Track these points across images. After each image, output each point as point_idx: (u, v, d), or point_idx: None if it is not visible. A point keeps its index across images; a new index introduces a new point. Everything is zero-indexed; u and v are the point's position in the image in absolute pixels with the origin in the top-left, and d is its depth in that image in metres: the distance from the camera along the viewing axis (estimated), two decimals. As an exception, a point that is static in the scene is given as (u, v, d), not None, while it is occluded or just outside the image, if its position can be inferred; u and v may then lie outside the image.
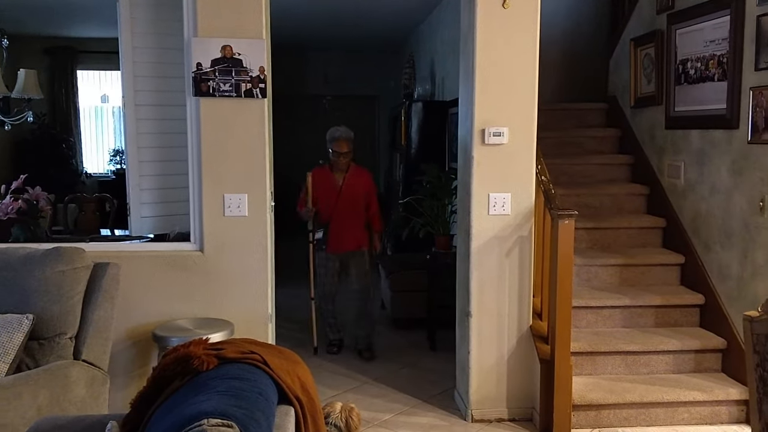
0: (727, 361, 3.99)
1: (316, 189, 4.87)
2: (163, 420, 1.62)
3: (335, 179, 4.89)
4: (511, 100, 3.67)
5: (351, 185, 4.89)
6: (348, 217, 4.88)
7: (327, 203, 4.88)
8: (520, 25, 3.66)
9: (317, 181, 4.88)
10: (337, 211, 4.86)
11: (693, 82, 4.36)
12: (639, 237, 4.73)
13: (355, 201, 4.90)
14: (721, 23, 4.02)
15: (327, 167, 4.95)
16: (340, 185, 4.87)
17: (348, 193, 4.88)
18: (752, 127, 3.74)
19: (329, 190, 4.88)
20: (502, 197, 3.69)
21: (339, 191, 4.86)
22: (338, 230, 4.88)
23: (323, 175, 4.92)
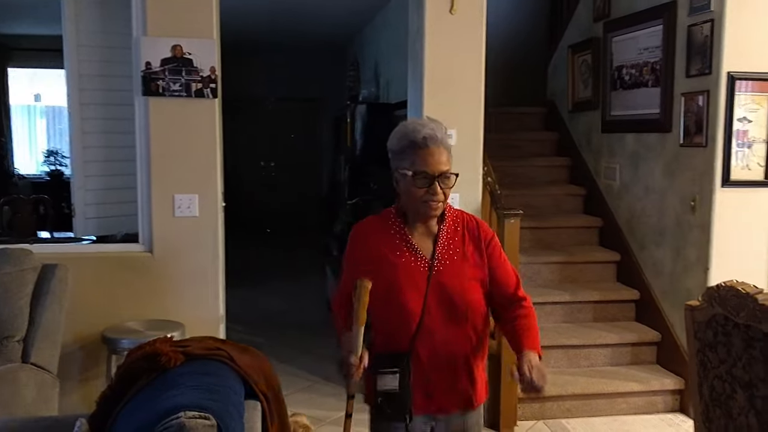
0: (661, 353, 4.20)
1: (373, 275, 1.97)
2: (132, 416, 1.62)
3: (415, 243, 2.04)
4: (459, 102, 3.78)
5: (451, 254, 2.04)
6: (448, 331, 2.02)
7: (402, 306, 2.00)
8: (466, 30, 3.76)
9: (371, 254, 2.04)
10: (428, 318, 1.99)
11: (628, 88, 4.57)
12: (578, 236, 4.92)
13: (464, 290, 2.02)
14: (654, 32, 4.23)
15: (392, 215, 2.08)
16: (428, 259, 2.02)
17: (449, 273, 2.02)
18: (684, 131, 3.96)
19: (405, 272, 2.01)
20: (450, 198, 3.78)
21: (428, 273, 2.00)
22: (430, 366, 2.02)
23: (384, 237, 2.05)
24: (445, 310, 1.98)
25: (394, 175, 2.02)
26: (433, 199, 1.95)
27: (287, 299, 6.63)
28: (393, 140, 2.02)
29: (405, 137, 1.98)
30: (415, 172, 1.93)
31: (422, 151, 1.94)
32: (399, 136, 2.00)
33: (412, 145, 1.95)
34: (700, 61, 3.81)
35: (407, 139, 1.97)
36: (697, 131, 3.85)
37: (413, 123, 2.03)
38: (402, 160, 1.97)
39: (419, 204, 1.97)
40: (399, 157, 1.99)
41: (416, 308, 1.96)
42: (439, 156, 1.95)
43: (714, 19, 3.70)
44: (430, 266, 1.99)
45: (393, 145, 2.02)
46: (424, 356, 1.98)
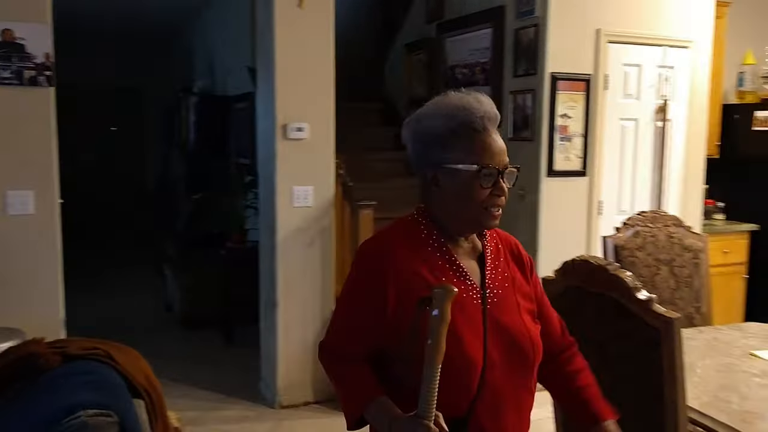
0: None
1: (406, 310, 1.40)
2: (11, 422, 1.52)
3: (463, 266, 1.48)
4: (311, 96, 3.84)
5: (501, 280, 1.51)
6: (516, 388, 1.46)
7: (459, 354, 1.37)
8: (316, 24, 3.84)
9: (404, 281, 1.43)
10: (491, 372, 1.40)
11: (461, 86, 4.89)
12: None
13: (527, 328, 1.48)
14: (484, 34, 4.58)
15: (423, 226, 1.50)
16: (479, 288, 1.47)
17: (505, 307, 1.48)
18: (513, 126, 4.34)
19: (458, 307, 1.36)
20: (305, 190, 3.85)
21: (482, 308, 1.45)
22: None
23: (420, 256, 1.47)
24: (508, 358, 1.40)
25: (427, 173, 1.44)
26: (498, 203, 1.43)
27: (122, 303, 6.26)
28: (432, 121, 1.44)
29: (454, 117, 1.42)
30: (481, 166, 1.39)
31: (482, 136, 1.42)
32: (444, 115, 1.43)
33: (467, 127, 1.41)
34: (526, 62, 4.20)
35: (458, 120, 1.41)
36: (525, 126, 4.24)
37: (461, 98, 1.45)
38: (450, 149, 1.41)
39: (479, 211, 1.41)
40: (445, 145, 1.42)
41: (477, 357, 1.37)
42: (501, 143, 1.46)
43: (538, 24, 4.09)
44: (483, 297, 1.43)
45: (433, 128, 1.43)
46: (488, 424, 1.40)
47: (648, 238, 2.93)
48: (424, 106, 1.51)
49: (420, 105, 5.11)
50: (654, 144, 4.39)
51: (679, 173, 4.48)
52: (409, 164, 5.00)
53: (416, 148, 1.49)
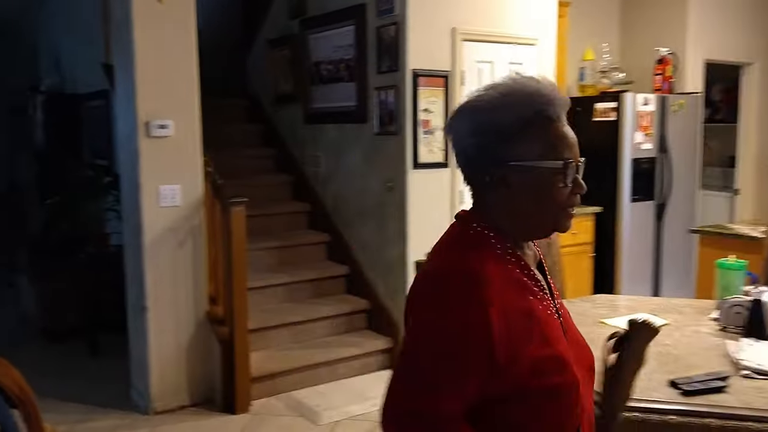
0: (371, 318, 4.70)
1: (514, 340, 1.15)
2: None
3: (539, 278, 1.27)
4: (174, 92, 3.76)
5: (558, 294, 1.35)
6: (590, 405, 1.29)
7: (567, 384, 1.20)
8: (176, 19, 3.76)
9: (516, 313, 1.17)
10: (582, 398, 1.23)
11: (326, 83, 4.97)
12: (290, 221, 5.22)
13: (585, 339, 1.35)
14: (347, 32, 4.68)
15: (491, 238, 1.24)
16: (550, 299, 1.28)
17: (566, 316, 1.32)
18: (379, 121, 4.47)
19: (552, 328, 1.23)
20: (172, 189, 3.76)
21: (559, 322, 1.27)
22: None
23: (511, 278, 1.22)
24: (582, 371, 1.25)
25: (493, 172, 1.20)
26: (576, 202, 1.23)
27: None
28: (499, 111, 1.20)
29: (527, 104, 1.19)
30: (565, 161, 1.20)
31: (558, 126, 1.22)
32: (514, 103, 1.19)
33: (542, 116, 1.20)
34: (389, 59, 4.34)
35: (533, 108, 1.19)
36: (390, 121, 4.39)
37: (528, 82, 1.21)
38: (525, 142, 1.19)
39: (558, 212, 1.22)
40: (518, 138, 1.19)
41: (575, 374, 1.20)
42: (573, 132, 1.24)
43: (397, 23, 4.24)
44: (555, 308, 1.27)
45: (502, 119, 1.19)
46: None
47: (507, 222, 3.14)
48: (480, 94, 1.23)
49: (287, 101, 5.09)
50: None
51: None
52: (279, 160, 4.99)
53: (477, 144, 1.21)
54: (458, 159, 1.28)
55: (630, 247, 5.31)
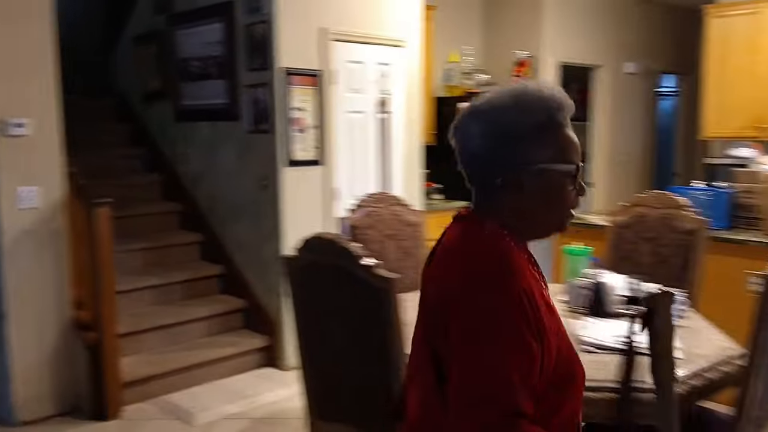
0: (248, 317, 4.69)
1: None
2: None
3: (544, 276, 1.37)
4: (32, 90, 3.59)
5: None
6: None
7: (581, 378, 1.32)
8: (31, 14, 3.58)
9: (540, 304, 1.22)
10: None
11: (196, 79, 4.90)
12: (160, 221, 5.09)
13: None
14: (216, 28, 4.64)
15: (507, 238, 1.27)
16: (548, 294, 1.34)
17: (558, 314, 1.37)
18: (251, 119, 4.47)
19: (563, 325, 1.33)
20: (30, 190, 3.58)
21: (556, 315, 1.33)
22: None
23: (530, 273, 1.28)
24: None
25: (506, 175, 1.24)
26: (578, 204, 1.29)
27: None
28: (514, 115, 1.23)
29: (540, 110, 1.23)
30: (576, 165, 1.26)
31: (566, 131, 1.26)
32: (528, 108, 1.23)
33: (552, 119, 1.24)
34: (260, 57, 4.35)
35: (545, 113, 1.24)
36: (262, 119, 4.40)
37: (540, 87, 1.27)
38: (537, 146, 1.23)
39: (564, 213, 1.29)
40: (532, 142, 1.23)
41: (583, 374, 1.30)
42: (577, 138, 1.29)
43: (267, 21, 4.26)
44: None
45: (516, 123, 1.23)
46: None
47: (376, 217, 3.27)
48: (490, 97, 1.27)
49: (156, 99, 4.96)
50: (378, 134, 4.84)
51: (401, 159, 5.00)
52: (148, 159, 4.80)
53: (489, 146, 1.24)
54: (464, 160, 1.29)
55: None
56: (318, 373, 2.21)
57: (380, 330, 1.91)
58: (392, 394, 1.94)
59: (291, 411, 3.64)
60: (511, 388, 1.12)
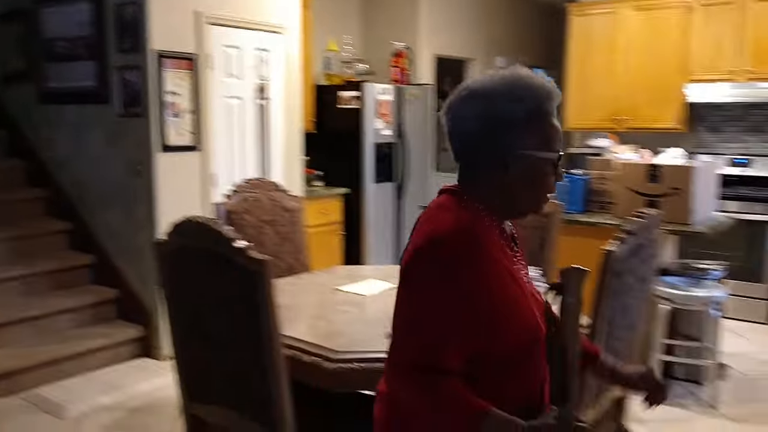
0: (121, 307, 4.55)
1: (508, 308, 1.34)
2: None
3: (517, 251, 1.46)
4: None
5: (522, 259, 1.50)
6: None
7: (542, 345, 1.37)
8: None
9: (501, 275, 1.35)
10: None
11: (63, 60, 4.67)
12: (24, 209, 4.82)
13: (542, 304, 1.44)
14: (84, 8, 4.44)
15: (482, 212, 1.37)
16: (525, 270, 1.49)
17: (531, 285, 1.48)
18: (122, 102, 4.33)
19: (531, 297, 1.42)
20: None
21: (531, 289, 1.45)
22: None
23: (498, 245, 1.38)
24: None
25: (494, 158, 1.32)
26: (554, 189, 1.39)
27: None
28: (508, 102, 1.30)
29: (532, 98, 1.31)
30: (558, 153, 1.34)
31: (552, 120, 1.35)
32: (522, 96, 1.31)
33: (542, 109, 1.33)
34: (131, 38, 4.22)
35: (536, 102, 1.32)
36: (135, 103, 4.27)
37: (532, 77, 1.33)
38: (527, 134, 1.31)
39: (543, 196, 1.38)
40: (522, 129, 1.31)
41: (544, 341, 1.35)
42: None
43: (138, 2, 4.13)
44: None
45: (510, 111, 1.30)
46: (546, 403, 1.39)
47: (254, 202, 3.29)
48: (484, 81, 1.34)
49: (19, 80, 4.73)
50: (257, 120, 4.83)
51: (280, 146, 5.01)
52: (11, 144, 4.56)
53: (482, 129, 1.32)
54: (455, 138, 1.37)
55: (374, 224, 5.78)
56: (191, 358, 2.22)
57: (254, 313, 1.95)
58: (267, 376, 1.99)
59: (167, 399, 3.60)
60: (431, 348, 1.25)
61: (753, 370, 4.01)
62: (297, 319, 2.46)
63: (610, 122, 6.03)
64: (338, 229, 5.69)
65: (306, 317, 2.55)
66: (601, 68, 6.06)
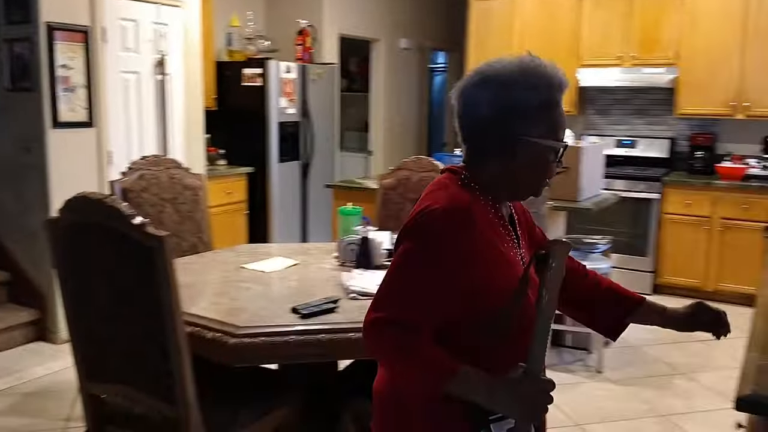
0: (13, 290, 4.36)
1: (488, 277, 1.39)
2: None
3: (510, 229, 1.50)
4: None
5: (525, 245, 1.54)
6: None
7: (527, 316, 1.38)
8: None
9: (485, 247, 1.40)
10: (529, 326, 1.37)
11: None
12: None
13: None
14: (-35, -26, 4.17)
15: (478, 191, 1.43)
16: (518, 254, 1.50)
17: None
18: (11, 76, 4.11)
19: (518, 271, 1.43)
20: None
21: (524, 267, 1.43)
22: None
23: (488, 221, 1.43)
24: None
25: (503, 142, 1.37)
26: (554, 176, 1.44)
27: None
28: (523, 91, 1.34)
29: (545, 87, 1.36)
30: (565, 145, 1.40)
31: (560, 110, 1.40)
32: (536, 86, 1.35)
33: (553, 99, 1.37)
34: (21, 9, 4.01)
35: (548, 90, 1.36)
36: (24, 77, 4.07)
37: (544, 65, 1.37)
38: (535, 122, 1.36)
39: (543, 182, 1.43)
40: (533, 118, 1.35)
41: (533, 307, 1.36)
42: None
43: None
44: (520, 256, 1.48)
45: (524, 99, 1.34)
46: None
47: (152, 180, 3.22)
48: (497, 67, 1.37)
49: None
50: (156, 96, 4.71)
51: (181, 123, 4.91)
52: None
53: (495, 115, 1.36)
54: (464, 123, 1.41)
55: (280, 203, 5.77)
56: (88, 336, 2.18)
57: (151, 289, 1.94)
58: (168, 352, 1.99)
59: (65, 383, 3.50)
60: (408, 307, 1.33)
61: (635, 338, 4.32)
62: (199, 297, 2.46)
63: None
64: (243, 208, 5.66)
65: (208, 294, 2.55)
66: (498, 52, 6.22)
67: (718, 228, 5.17)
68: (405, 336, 1.33)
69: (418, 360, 1.33)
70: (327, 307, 2.29)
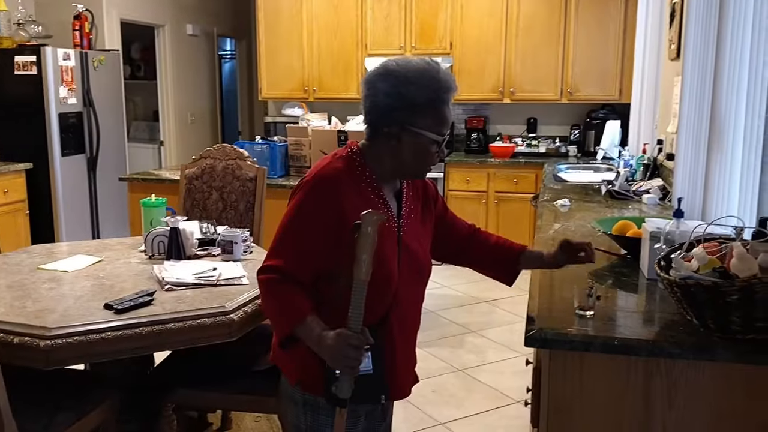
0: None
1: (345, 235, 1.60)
2: None
3: (387, 199, 1.74)
4: None
5: (410, 211, 1.80)
6: (412, 298, 1.82)
7: (382, 271, 1.64)
8: None
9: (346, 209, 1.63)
10: (401, 285, 1.72)
11: None
12: None
13: (425, 251, 1.85)
14: None
15: (358, 163, 1.71)
16: (396, 218, 1.75)
17: (412, 233, 1.79)
18: None
19: (382, 233, 1.59)
20: None
21: (397, 234, 1.74)
22: (400, 338, 1.76)
23: (357, 189, 1.69)
24: (412, 275, 1.75)
25: (391, 128, 1.64)
26: (436, 163, 1.71)
27: None
28: (417, 89, 1.60)
29: (436, 89, 1.62)
30: (443, 136, 1.65)
31: (446, 109, 1.65)
32: (428, 86, 1.61)
33: (439, 98, 1.63)
34: None
35: (438, 93, 1.62)
36: None
37: (439, 70, 1.63)
38: (423, 116, 1.62)
39: (424, 167, 1.71)
40: (420, 112, 1.62)
41: (394, 273, 1.68)
42: None
43: None
44: (398, 226, 1.74)
45: (416, 96, 1.60)
46: (396, 328, 1.73)
47: None
48: (400, 65, 1.62)
49: None
50: None
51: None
52: None
53: (388, 105, 1.61)
54: (367, 106, 1.66)
55: (66, 200, 5.41)
56: None
57: None
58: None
59: None
60: (283, 254, 1.62)
61: (430, 304, 4.74)
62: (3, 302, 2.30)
63: (301, 92, 6.41)
64: (23, 208, 5.22)
65: (7, 299, 2.38)
66: (289, 41, 6.38)
67: (494, 201, 5.79)
68: (274, 281, 1.61)
69: (276, 303, 1.63)
70: (143, 301, 2.27)
